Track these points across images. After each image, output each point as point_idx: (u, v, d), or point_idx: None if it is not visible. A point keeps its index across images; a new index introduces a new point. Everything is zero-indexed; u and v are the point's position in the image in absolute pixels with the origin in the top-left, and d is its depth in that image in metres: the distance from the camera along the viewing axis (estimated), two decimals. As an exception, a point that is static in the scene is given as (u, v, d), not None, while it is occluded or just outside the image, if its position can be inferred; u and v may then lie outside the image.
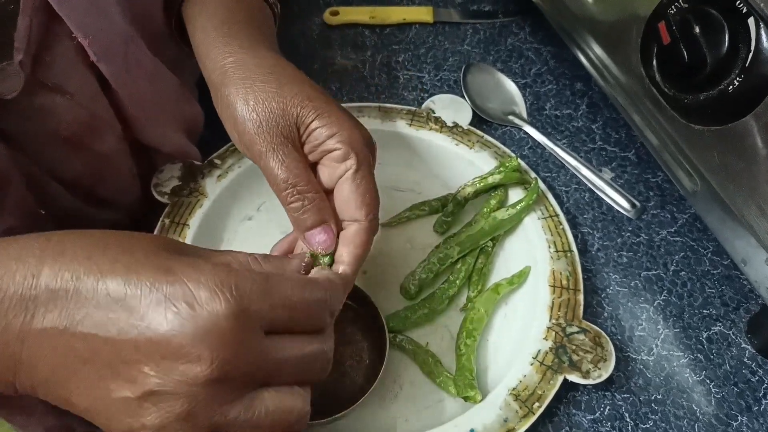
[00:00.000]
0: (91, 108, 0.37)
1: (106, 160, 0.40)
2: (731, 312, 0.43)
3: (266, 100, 0.33)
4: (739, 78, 0.34)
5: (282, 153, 0.32)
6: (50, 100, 0.35)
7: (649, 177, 0.49)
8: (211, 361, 0.22)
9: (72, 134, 0.37)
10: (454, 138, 0.48)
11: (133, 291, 0.22)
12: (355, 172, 0.33)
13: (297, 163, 0.33)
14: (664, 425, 0.38)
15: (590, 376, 0.36)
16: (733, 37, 0.34)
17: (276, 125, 0.32)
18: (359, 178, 0.33)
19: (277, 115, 0.33)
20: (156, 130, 0.42)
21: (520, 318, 0.41)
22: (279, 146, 0.32)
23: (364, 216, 0.33)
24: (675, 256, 0.45)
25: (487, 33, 0.60)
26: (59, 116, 0.36)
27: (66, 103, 0.36)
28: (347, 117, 0.34)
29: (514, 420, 0.35)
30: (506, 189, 0.46)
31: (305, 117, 0.33)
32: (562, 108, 0.54)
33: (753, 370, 0.40)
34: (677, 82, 0.38)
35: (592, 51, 0.46)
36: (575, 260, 0.42)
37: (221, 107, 0.34)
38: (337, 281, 0.29)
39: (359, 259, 0.33)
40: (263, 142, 0.32)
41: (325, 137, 0.33)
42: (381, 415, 0.38)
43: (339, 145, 0.33)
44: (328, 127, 0.33)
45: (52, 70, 0.34)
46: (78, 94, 0.36)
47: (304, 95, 0.33)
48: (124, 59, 0.37)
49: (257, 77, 0.34)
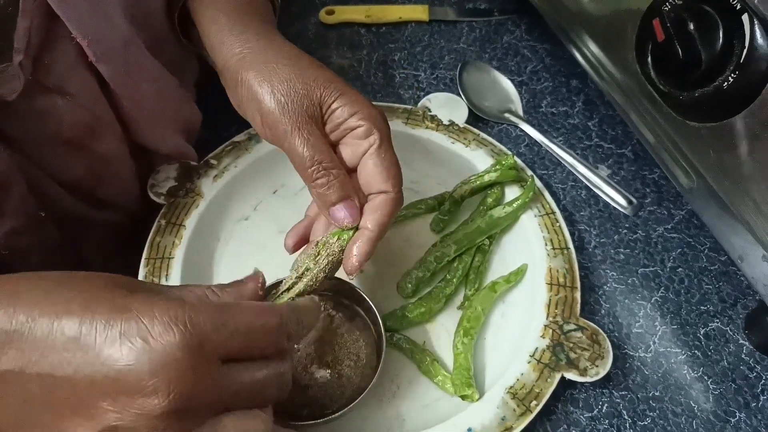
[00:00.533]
0: (91, 109, 0.37)
1: (107, 161, 0.40)
2: (728, 308, 0.43)
3: (290, 81, 0.34)
4: (733, 74, 0.34)
5: (307, 131, 0.34)
6: (51, 101, 0.35)
7: (645, 174, 0.49)
8: (168, 392, 0.22)
9: (73, 136, 0.37)
10: (451, 136, 0.48)
11: (89, 329, 0.22)
12: (379, 147, 0.35)
13: (321, 141, 0.34)
14: (662, 422, 0.38)
15: (588, 374, 0.36)
16: (728, 34, 0.33)
17: (300, 105, 0.34)
18: (383, 152, 0.35)
19: (301, 96, 0.34)
20: (155, 131, 0.42)
21: (517, 316, 0.41)
22: (304, 125, 0.34)
23: (391, 187, 0.35)
24: (672, 252, 0.45)
25: (483, 31, 0.60)
26: (60, 118, 0.36)
27: (67, 105, 0.36)
28: (365, 97, 0.36)
29: (511, 418, 0.35)
30: (503, 187, 0.46)
31: (327, 97, 0.34)
32: (559, 105, 0.54)
33: (751, 366, 0.40)
34: (672, 78, 0.38)
35: (587, 48, 0.46)
36: (572, 258, 0.42)
37: (242, 91, 0.35)
38: (298, 304, 0.30)
39: (383, 228, 0.34)
40: (288, 122, 0.33)
41: (347, 115, 0.35)
42: (378, 415, 0.38)
43: (362, 122, 0.34)
44: (350, 105, 0.35)
45: (52, 72, 0.34)
46: (78, 96, 0.36)
47: (324, 77, 0.35)
48: (123, 60, 0.37)
49: (279, 61, 0.35)
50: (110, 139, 0.39)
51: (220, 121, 0.51)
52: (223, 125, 0.51)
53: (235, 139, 0.47)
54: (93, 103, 0.37)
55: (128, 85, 0.38)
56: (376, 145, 0.34)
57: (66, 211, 0.40)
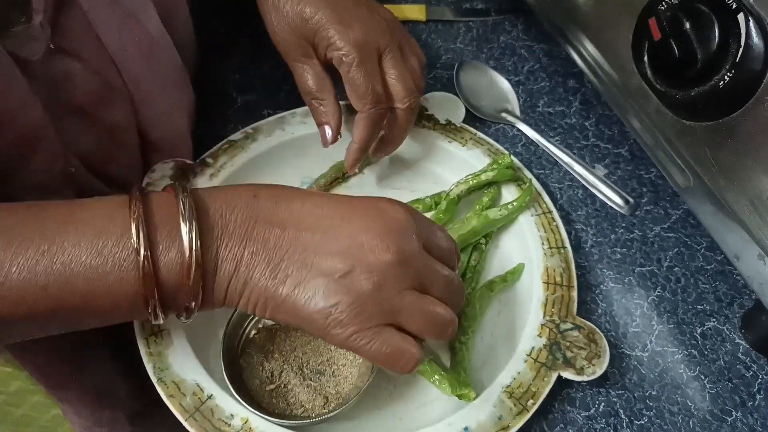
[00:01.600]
0: (103, 75, 0.37)
1: (115, 133, 0.40)
2: (725, 307, 0.43)
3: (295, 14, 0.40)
4: (729, 73, 0.34)
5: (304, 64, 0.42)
6: (68, 65, 0.35)
7: (642, 173, 0.49)
8: (396, 250, 0.30)
9: (84, 103, 0.37)
10: (447, 135, 0.48)
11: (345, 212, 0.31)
12: (347, 72, 0.40)
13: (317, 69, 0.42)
14: (659, 421, 0.38)
15: (584, 373, 0.36)
16: (724, 33, 0.34)
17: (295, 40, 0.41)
18: (352, 74, 0.40)
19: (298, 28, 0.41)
20: (149, 110, 0.42)
21: (514, 315, 0.41)
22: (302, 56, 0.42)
23: (362, 106, 0.40)
24: (668, 252, 0.45)
25: (480, 31, 0.60)
26: (74, 83, 0.36)
27: (81, 69, 0.36)
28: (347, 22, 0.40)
29: (508, 418, 0.35)
30: (499, 186, 0.46)
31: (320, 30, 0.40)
32: (555, 105, 0.54)
33: (747, 365, 0.40)
34: (668, 78, 0.38)
35: (584, 48, 0.46)
36: (569, 257, 0.42)
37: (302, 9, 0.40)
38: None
39: (362, 140, 0.42)
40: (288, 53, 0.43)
41: (330, 50, 0.40)
42: (375, 414, 0.37)
43: (332, 53, 0.40)
44: (327, 40, 0.40)
45: (67, 35, 0.34)
46: (91, 60, 0.36)
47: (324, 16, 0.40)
48: (118, 33, 0.37)
49: None
50: (119, 108, 0.40)
51: (215, 120, 0.51)
52: (219, 124, 0.51)
53: (231, 138, 0.47)
54: (105, 69, 0.37)
55: (124, 57, 0.38)
56: (344, 71, 0.40)
57: (80, 182, 0.40)
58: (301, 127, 0.48)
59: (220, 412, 0.34)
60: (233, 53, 0.56)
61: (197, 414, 0.34)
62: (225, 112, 0.52)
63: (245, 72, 0.55)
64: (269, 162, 0.47)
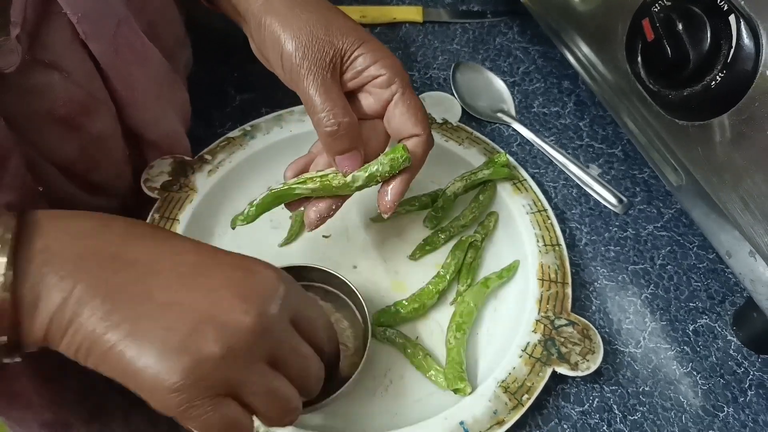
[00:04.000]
0: (86, 87, 0.37)
1: (100, 142, 0.40)
2: (717, 305, 0.43)
3: (312, 27, 0.35)
4: (721, 74, 0.35)
5: (322, 78, 0.35)
6: (46, 77, 0.35)
7: (635, 173, 0.50)
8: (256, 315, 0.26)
9: (67, 114, 0.37)
10: (444, 134, 0.48)
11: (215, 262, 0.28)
12: (403, 94, 0.36)
13: (336, 89, 0.35)
14: (652, 417, 0.38)
15: (579, 368, 0.37)
16: (715, 34, 0.34)
17: (320, 52, 0.35)
18: (408, 98, 0.36)
19: (322, 42, 0.35)
20: (147, 113, 0.42)
21: (509, 311, 0.41)
22: (320, 71, 0.35)
23: (422, 130, 0.36)
24: (661, 250, 0.46)
25: (476, 32, 0.61)
26: (55, 94, 0.36)
27: (62, 81, 0.36)
28: (385, 47, 0.37)
29: (503, 412, 0.35)
30: (495, 184, 0.46)
31: (349, 45, 0.35)
32: (550, 106, 0.54)
33: (738, 362, 0.41)
34: (661, 78, 0.39)
35: (578, 49, 0.47)
36: (563, 254, 0.42)
37: (264, 34, 0.36)
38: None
39: (418, 169, 0.37)
40: (306, 67, 0.34)
41: (369, 63, 0.36)
42: (371, 409, 0.38)
43: (383, 71, 0.36)
44: (371, 54, 0.36)
45: (48, 48, 0.34)
46: (74, 73, 0.36)
47: (347, 27, 0.36)
48: (113, 40, 0.37)
49: (304, 8, 0.36)
50: (104, 119, 0.39)
51: (214, 118, 0.52)
52: (217, 122, 0.51)
53: (229, 135, 0.47)
54: (88, 81, 0.37)
55: (118, 64, 0.38)
56: (400, 93, 0.36)
57: (60, 193, 0.40)
58: (299, 125, 0.48)
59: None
60: (230, 52, 0.56)
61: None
62: (223, 110, 0.53)
63: (243, 70, 0.55)
64: (267, 159, 0.47)
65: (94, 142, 0.40)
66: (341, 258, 0.44)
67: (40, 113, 0.36)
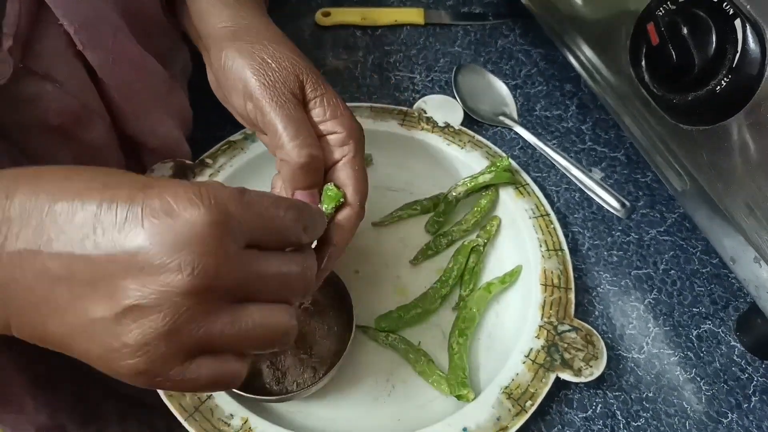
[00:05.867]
0: (80, 97, 0.37)
1: (95, 151, 0.40)
2: (720, 310, 0.43)
3: (279, 60, 0.34)
4: (726, 78, 0.34)
5: (293, 108, 0.33)
6: (39, 88, 0.35)
7: (638, 177, 0.50)
8: (192, 268, 0.21)
9: (60, 124, 0.37)
10: (446, 138, 0.48)
11: (109, 205, 0.22)
12: (353, 158, 0.34)
13: (305, 119, 0.33)
14: (656, 423, 0.38)
15: (582, 374, 0.36)
16: (721, 38, 0.34)
17: (286, 83, 0.33)
18: (357, 164, 0.34)
19: (289, 73, 0.33)
20: (145, 122, 0.42)
21: (512, 316, 0.41)
22: (289, 101, 0.33)
23: (358, 201, 0.34)
24: (665, 255, 0.45)
25: (478, 35, 0.60)
26: (48, 105, 0.35)
27: (55, 92, 0.35)
28: (346, 106, 0.35)
29: (506, 418, 0.35)
30: (497, 189, 0.46)
31: (312, 90, 0.34)
32: (552, 109, 0.54)
33: (742, 367, 0.41)
34: (666, 82, 0.38)
35: (581, 52, 0.47)
36: (566, 259, 0.42)
37: (226, 63, 0.34)
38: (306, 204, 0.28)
39: (346, 242, 0.33)
40: (275, 95, 0.32)
41: (328, 117, 0.34)
42: (373, 414, 0.37)
43: (340, 129, 0.34)
44: (332, 108, 0.34)
45: (41, 58, 0.34)
46: (67, 83, 0.36)
47: (311, 69, 0.34)
48: (111, 48, 0.36)
49: (270, 39, 0.35)
50: (98, 129, 0.39)
51: (213, 122, 0.51)
52: (217, 125, 0.51)
53: (230, 139, 0.47)
54: (81, 91, 0.37)
55: (115, 73, 0.38)
56: (350, 156, 0.34)
57: None
58: (300, 128, 0.48)
59: (220, 412, 0.34)
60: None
61: (196, 414, 0.34)
62: (223, 113, 0.52)
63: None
64: (268, 163, 0.47)
65: (88, 152, 0.39)
66: (342, 263, 0.44)
67: (32, 123, 0.36)
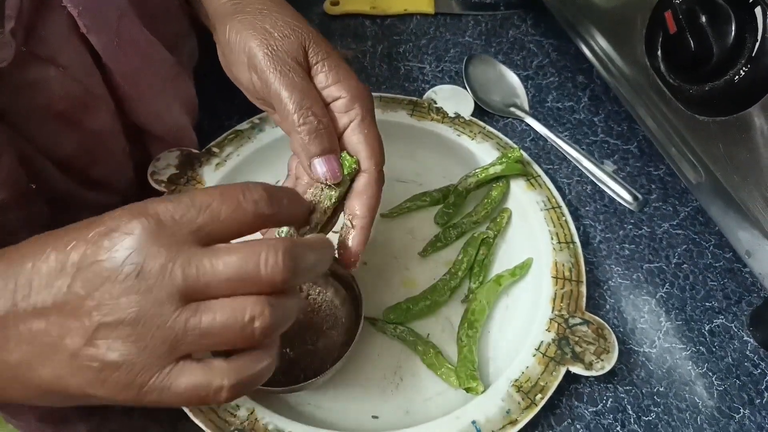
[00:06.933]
0: (84, 82, 0.36)
1: (99, 138, 0.39)
2: (733, 305, 0.42)
3: (282, 28, 0.33)
4: (745, 68, 0.34)
5: (297, 76, 0.32)
6: (43, 72, 0.34)
7: (651, 170, 0.49)
8: (138, 272, 0.22)
9: (65, 109, 0.36)
10: (456, 129, 0.48)
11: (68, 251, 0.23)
12: (362, 121, 0.33)
13: (311, 87, 0.33)
14: (667, 417, 0.38)
15: (593, 368, 0.36)
16: (740, 27, 0.33)
17: (289, 51, 0.33)
18: (366, 127, 0.33)
19: (292, 41, 0.33)
20: (149, 108, 0.41)
21: (522, 309, 0.41)
22: (293, 70, 0.32)
23: (374, 165, 0.33)
24: (677, 248, 0.45)
25: (489, 25, 0.60)
26: (52, 90, 0.35)
27: (59, 76, 0.35)
28: (349, 68, 0.34)
29: (516, 412, 0.35)
30: (508, 180, 0.46)
31: (314, 54, 0.34)
32: (564, 100, 0.53)
33: (755, 363, 0.40)
34: (682, 72, 0.38)
35: (595, 42, 0.46)
36: (578, 252, 0.41)
37: (232, 36, 0.34)
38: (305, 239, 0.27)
39: (373, 211, 0.33)
40: (278, 64, 0.32)
41: (330, 83, 0.33)
42: (382, 407, 0.37)
43: (344, 93, 0.33)
44: (334, 72, 0.33)
45: (45, 42, 0.33)
46: (71, 68, 0.35)
47: (315, 34, 0.34)
48: (115, 32, 0.36)
49: (270, 7, 0.34)
50: (103, 115, 0.39)
51: (220, 111, 0.51)
52: (223, 115, 0.51)
53: (237, 128, 0.47)
54: (86, 76, 0.36)
55: (120, 57, 0.37)
56: (358, 119, 0.33)
57: (56, 189, 0.39)
58: (308, 118, 0.47)
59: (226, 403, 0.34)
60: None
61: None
62: (230, 102, 0.52)
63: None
64: (275, 152, 0.47)
65: (93, 138, 0.39)
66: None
67: (36, 108, 0.35)
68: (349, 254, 0.33)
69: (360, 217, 0.32)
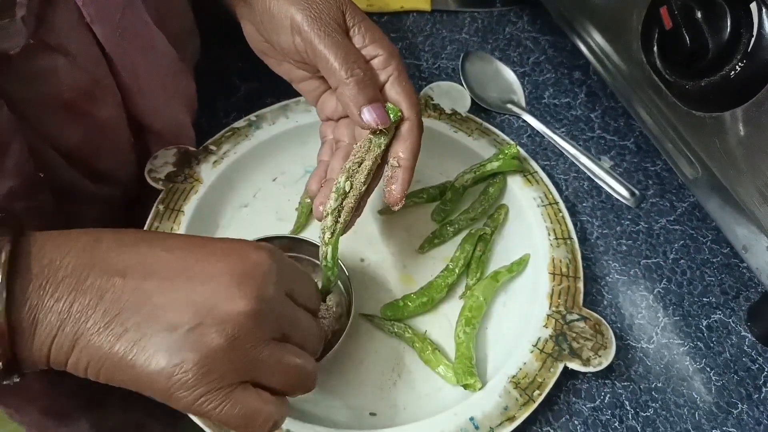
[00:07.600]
0: (91, 71, 0.37)
1: (105, 129, 0.39)
2: (731, 300, 0.42)
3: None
4: (741, 63, 0.34)
5: (340, 36, 0.35)
6: (52, 61, 0.34)
7: (648, 165, 0.49)
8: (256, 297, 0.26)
9: (72, 99, 0.36)
10: (453, 125, 0.48)
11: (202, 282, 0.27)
12: (399, 76, 0.36)
13: (353, 45, 0.35)
14: (665, 413, 0.38)
15: (590, 364, 0.36)
16: (735, 23, 0.33)
17: (330, 13, 0.35)
18: (404, 81, 0.36)
19: (331, 5, 0.35)
20: (149, 102, 0.41)
21: (519, 306, 0.41)
22: (335, 30, 0.35)
23: (414, 115, 0.36)
24: (674, 244, 0.45)
25: (485, 22, 0.59)
26: (60, 79, 0.35)
27: (68, 65, 0.35)
28: (383, 32, 0.37)
29: (514, 408, 0.35)
30: (505, 177, 0.45)
31: (350, 17, 0.36)
32: (561, 97, 0.53)
33: (753, 358, 0.40)
34: (678, 68, 0.38)
35: (591, 38, 0.46)
36: (575, 248, 0.41)
37: (270, 6, 0.36)
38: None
39: (415, 154, 0.36)
40: (322, 26, 0.34)
41: (367, 42, 0.36)
42: (379, 403, 0.37)
43: (381, 51, 0.36)
44: (370, 33, 0.36)
45: (55, 30, 0.34)
46: (79, 57, 0.35)
47: (350, 1, 0.36)
48: (118, 24, 0.36)
49: None
50: (109, 106, 0.39)
51: (218, 108, 0.51)
52: (222, 112, 0.51)
53: (234, 126, 0.47)
54: (93, 66, 0.37)
55: (122, 50, 0.37)
56: (396, 74, 0.36)
57: (61, 179, 0.39)
58: (305, 115, 0.47)
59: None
60: (236, 41, 0.55)
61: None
62: (228, 99, 0.52)
63: (248, 60, 0.54)
64: (272, 150, 0.47)
65: (99, 129, 0.39)
66: (348, 251, 0.43)
67: (44, 98, 0.35)
68: (397, 192, 0.35)
69: (405, 158, 0.35)
